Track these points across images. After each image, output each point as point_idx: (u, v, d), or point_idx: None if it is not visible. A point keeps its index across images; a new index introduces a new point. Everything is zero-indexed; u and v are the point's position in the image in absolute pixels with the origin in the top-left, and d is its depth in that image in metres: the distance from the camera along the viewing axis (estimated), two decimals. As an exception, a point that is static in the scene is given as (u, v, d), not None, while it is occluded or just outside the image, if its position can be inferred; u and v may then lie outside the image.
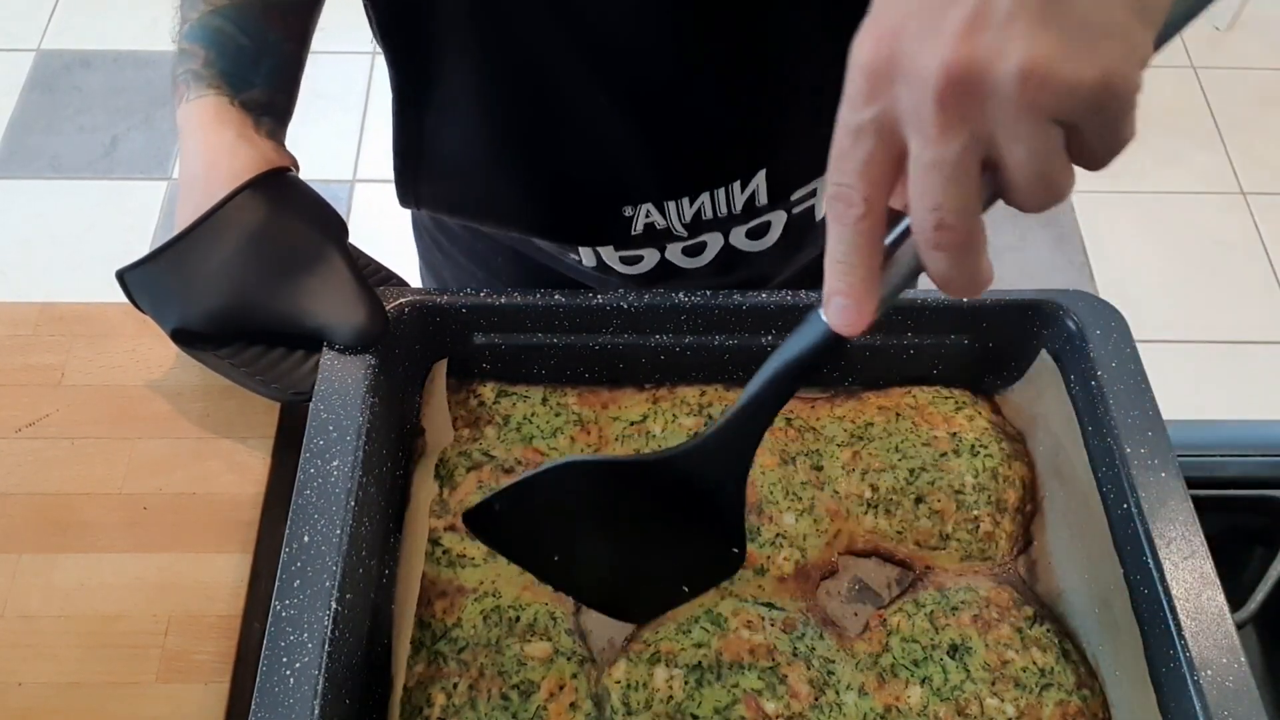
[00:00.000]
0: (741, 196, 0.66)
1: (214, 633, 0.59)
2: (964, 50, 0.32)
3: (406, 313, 0.64)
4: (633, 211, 0.66)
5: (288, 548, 0.54)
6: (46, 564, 0.61)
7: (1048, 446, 0.65)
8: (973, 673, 0.58)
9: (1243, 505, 0.71)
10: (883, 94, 0.34)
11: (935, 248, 0.35)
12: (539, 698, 0.56)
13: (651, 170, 0.64)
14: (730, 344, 0.66)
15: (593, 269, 0.73)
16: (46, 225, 2.05)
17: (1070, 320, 0.64)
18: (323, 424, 0.58)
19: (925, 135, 0.33)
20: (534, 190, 0.67)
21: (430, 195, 0.68)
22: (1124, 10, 0.32)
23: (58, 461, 0.65)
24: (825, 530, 0.63)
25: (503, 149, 0.65)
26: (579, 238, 0.71)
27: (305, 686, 0.50)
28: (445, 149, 0.65)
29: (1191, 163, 2.24)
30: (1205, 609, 0.53)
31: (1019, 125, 0.33)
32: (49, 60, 2.32)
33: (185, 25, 0.66)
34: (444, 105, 0.63)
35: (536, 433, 0.67)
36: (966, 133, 0.33)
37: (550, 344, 0.67)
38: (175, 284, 0.61)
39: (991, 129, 0.33)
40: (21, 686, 0.57)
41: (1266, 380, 1.94)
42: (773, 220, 0.70)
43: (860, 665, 0.59)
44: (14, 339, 0.70)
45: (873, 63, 0.34)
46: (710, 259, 0.71)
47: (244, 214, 0.61)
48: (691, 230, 0.68)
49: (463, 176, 0.67)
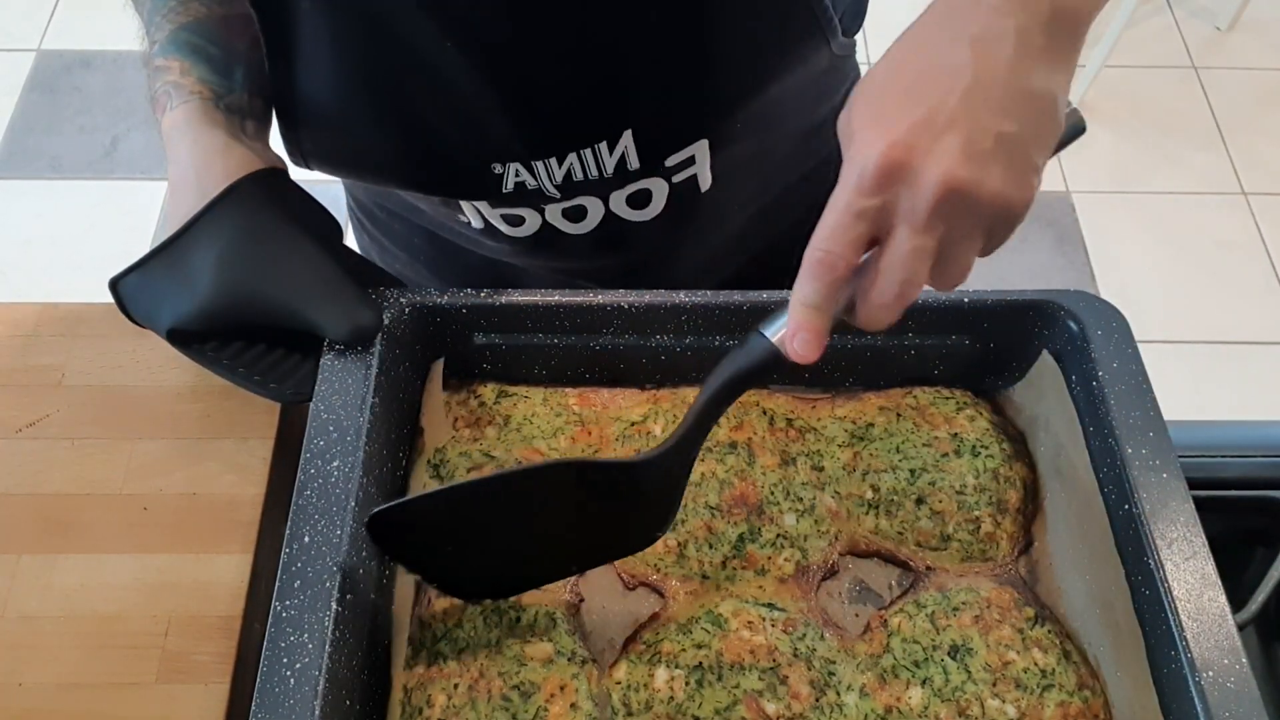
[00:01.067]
0: (611, 159, 0.67)
1: (214, 633, 0.59)
2: (959, 173, 0.43)
3: (407, 313, 0.64)
4: (502, 169, 0.67)
5: (288, 548, 0.54)
6: (47, 564, 0.61)
7: (1049, 447, 0.65)
8: (974, 673, 0.58)
9: (1244, 506, 0.71)
10: (888, 190, 0.44)
11: (891, 307, 0.46)
12: (539, 698, 0.56)
13: (513, 129, 0.65)
14: (731, 345, 0.66)
15: (480, 231, 0.74)
16: (47, 226, 2.05)
17: (1072, 321, 0.64)
18: (323, 424, 0.58)
19: (915, 228, 0.44)
20: (403, 144, 0.68)
21: (312, 150, 0.69)
22: (1042, 156, 0.46)
23: (58, 462, 0.65)
24: (826, 531, 0.63)
25: (367, 102, 0.66)
26: (452, 192, 0.71)
27: (306, 687, 0.50)
28: (316, 102, 0.66)
29: (1192, 163, 2.24)
30: (1207, 610, 0.53)
31: (974, 232, 0.45)
32: (49, 61, 2.32)
33: (154, 46, 0.67)
34: (308, 58, 0.64)
35: (537, 433, 0.66)
36: (940, 232, 0.45)
37: (551, 344, 0.67)
38: (171, 283, 0.61)
39: (956, 231, 0.45)
40: (22, 687, 0.57)
41: (1267, 381, 1.94)
42: (652, 189, 0.71)
43: (861, 666, 0.59)
44: (14, 339, 0.70)
45: (887, 164, 0.44)
46: (594, 226, 0.72)
47: (238, 211, 0.61)
48: (565, 191, 0.69)
49: (336, 130, 0.68)
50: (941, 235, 0.45)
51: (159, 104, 0.66)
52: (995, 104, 0.44)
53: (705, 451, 0.65)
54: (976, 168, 0.43)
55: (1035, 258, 2.08)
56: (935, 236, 0.44)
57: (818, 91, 0.77)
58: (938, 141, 0.43)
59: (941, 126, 0.43)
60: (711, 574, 0.62)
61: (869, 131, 0.45)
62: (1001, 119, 0.44)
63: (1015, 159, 0.44)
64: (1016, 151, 0.44)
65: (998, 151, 0.44)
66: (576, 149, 0.66)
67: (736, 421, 0.66)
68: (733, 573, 0.62)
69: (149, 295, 0.62)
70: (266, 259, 0.61)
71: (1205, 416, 0.66)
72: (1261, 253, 2.11)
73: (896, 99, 0.45)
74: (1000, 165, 0.44)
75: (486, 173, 0.67)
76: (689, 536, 0.62)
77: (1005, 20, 0.44)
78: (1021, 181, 0.45)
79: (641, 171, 0.68)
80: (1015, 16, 0.44)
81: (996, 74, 0.44)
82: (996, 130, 0.44)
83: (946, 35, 0.46)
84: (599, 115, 0.65)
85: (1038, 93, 0.45)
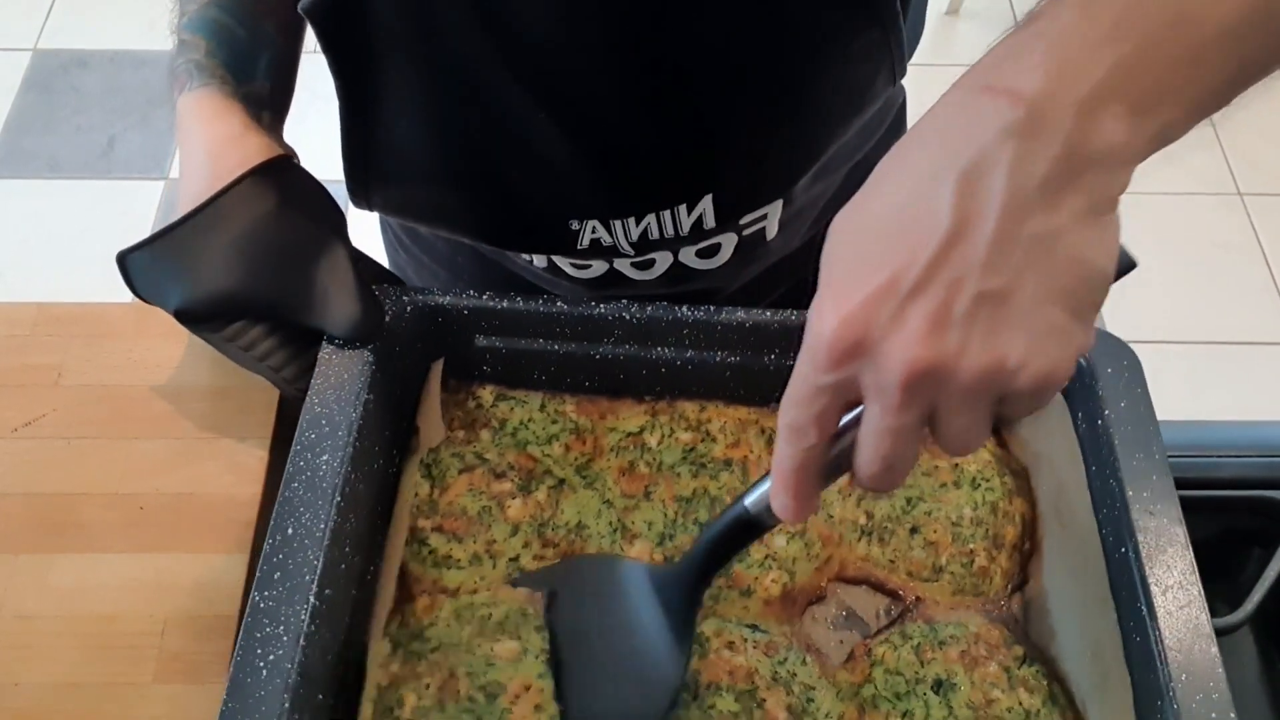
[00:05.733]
0: (689, 219, 0.66)
1: (211, 633, 0.58)
2: (929, 349, 0.36)
3: (409, 312, 0.64)
4: (579, 226, 0.66)
5: (271, 539, 0.54)
6: (43, 564, 0.61)
7: (1050, 486, 0.64)
8: (955, 710, 0.56)
9: (1239, 506, 0.71)
10: (846, 367, 0.38)
11: (881, 479, 0.40)
12: (503, 701, 0.55)
13: (595, 189, 0.65)
14: (732, 361, 0.66)
15: (544, 270, 0.74)
16: (44, 225, 2.04)
17: (1080, 357, 0.63)
18: (315, 418, 0.58)
19: (886, 407, 0.38)
20: (480, 199, 0.67)
21: (381, 199, 0.69)
22: (1064, 313, 0.37)
23: (55, 462, 0.64)
24: (816, 555, 0.63)
25: (446, 158, 0.65)
26: (525, 246, 0.71)
27: (277, 679, 0.50)
28: (391, 155, 0.65)
29: (1188, 163, 2.23)
30: (1197, 663, 0.52)
31: (964, 406, 0.38)
32: (46, 60, 2.32)
33: (184, 17, 0.67)
34: (388, 113, 0.63)
35: (531, 439, 0.66)
36: (921, 408, 0.38)
37: (551, 350, 0.67)
38: (180, 264, 0.61)
39: (941, 406, 0.38)
40: (18, 687, 0.57)
41: (1262, 381, 1.94)
42: (723, 242, 0.70)
43: (841, 695, 0.58)
44: (11, 339, 0.70)
45: (839, 343, 0.37)
46: (660, 274, 0.72)
47: (251, 200, 0.61)
48: (639, 249, 0.68)
49: (411, 183, 0.67)
50: (924, 411, 0.38)
51: (178, 80, 0.66)
52: (977, 257, 0.36)
53: (698, 468, 0.65)
54: (947, 341, 0.36)
55: (1031, 258, 2.08)
56: (915, 414, 0.38)
57: (873, 128, 0.76)
58: (901, 314, 0.36)
59: (906, 293, 0.36)
60: (696, 591, 0.61)
61: (825, 296, 0.38)
62: (986, 275, 0.36)
63: (1008, 318, 0.36)
64: (1009, 310, 0.36)
65: (978, 315, 0.36)
66: (656, 210, 0.66)
67: (733, 439, 0.66)
68: (718, 591, 0.61)
69: (157, 273, 0.62)
70: (276, 251, 0.61)
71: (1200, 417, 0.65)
72: (1257, 253, 2.11)
73: (861, 252, 0.38)
74: (984, 331, 0.36)
75: (564, 229, 0.66)
76: (676, 551, 0.62)
77: (1001, 149, 0.36)
78: (1030, 345, 0.36)
79: (716, 230, 0.68)
80: (1017, 143, 0.36)
81: (983, 220, 0.36)
82: (977, 290, 0.36)
83: (931, 165, 0.38)
84: (683, 179, 0.65)
85: (1041, 236, 0.36)
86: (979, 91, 0.38)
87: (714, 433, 0.66)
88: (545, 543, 0.62)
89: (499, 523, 0.62)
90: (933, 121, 0.39)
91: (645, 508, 0.64)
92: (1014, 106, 0.36)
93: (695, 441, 0.66)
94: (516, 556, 0.62)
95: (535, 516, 0.63)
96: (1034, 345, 0.37)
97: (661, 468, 0.65)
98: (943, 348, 0.36)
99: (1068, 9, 0.38)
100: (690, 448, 0.66)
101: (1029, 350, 0.37)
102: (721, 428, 0.66)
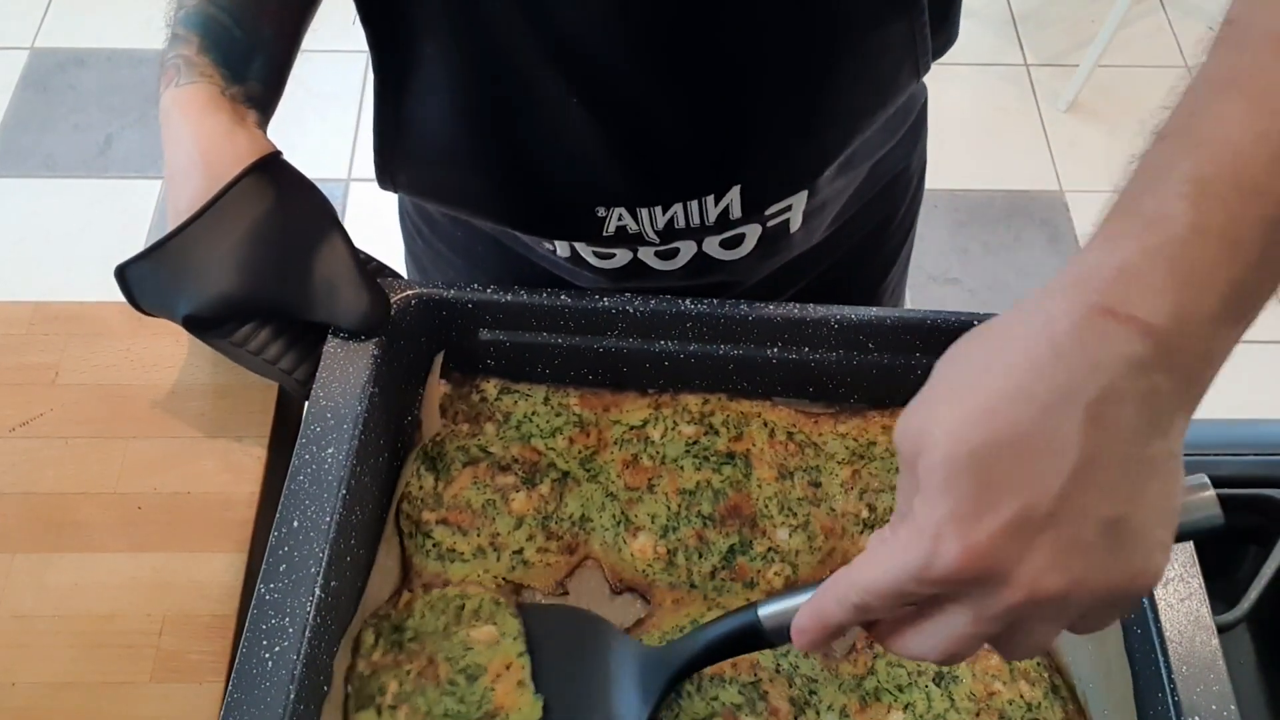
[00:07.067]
0: (715, 209, 0.67)
1: (209, 632, 0.58)
2: (1055, 581, 0.36)
3: (413, 305, 0.64)
4: (605, 213, 0.66)
5: (277, 531, 0.54)
6: (40, 564, 0.61)
7: None
8: (957, 702, 0.57)
9: (1237, 504, 0.71)
10: (956, 589, 0.38)
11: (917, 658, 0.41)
12: (485, 680, 0.56)
13: (623, 177, 0.65)
14: (735, 354, 0.66)
15: (566, 259, 0.74)
16: (41, 224, 2.04)
17: None
18: (320, 411, 0.58)
19: (980, 618, 0.38)
20: (508, 182, 0.67)
21: (407, 179, 0.69)
22: (1166, 529, 0.38)
23: (52, 461, 0.64)
24: (819, 548, 0.63)
25: (477, 139, 0.65)
26: (551, 232, 0.71)
27: (282, 671, 0.50)
28: (422, 133, 0.66)
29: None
30: (1199, 653, 0.52)
31: (1058, 619, 0.38)
32: (43, 59, 2.31)
33: (181, 11, 0.66)
34: (422, 90, 0.63)
35: (536, 431, 0.67)
36: (1013, 622, 0.38)
37: (555, 344, 0.67)
38: (184, 271, 0.61)
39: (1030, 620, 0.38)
40: (15, 686, 0.57)
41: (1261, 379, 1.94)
42: (747, 232, 0.70)
43: (844, 687, 0.58)
44: (8, 338, 0.70)
45: (962, 573, 0.37)
46: (683, 264, 0.72)
47: (251, 198, 0.61)
48: (664, 238, 0.68)
49: (438, 163, 0.67)
50: (1011, 625, 0.38)
51: (166, 74, 0.65)
52: (1105, 487, 0.36)
53: (702, 460, 0.65)
54: (1071, 570, 0.36)
55: (1028, 256, 2.08)
56: (1001, 626, 0.38)
57: (895, 125, 0.77)
58: (1029, 546, 0.36)
59: (1036, 526, 0.36)
60: (699, 583, 0.62)
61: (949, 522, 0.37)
62: (1111, 502, 0.36)
63: (1125, 541, 0.37)
64: (1126, 533, 0.36)
65: (1100, 542, 0.36)
66: (683, 199, 0.66)
67: (736, 432, 0.66)
68: (721, 584, 0.61)
69: (161, 282, 0.62)
70: (281, 248, 0.61)
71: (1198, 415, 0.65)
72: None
73: (985, 479, 0.36)
74: (1103, 553, 0.36)
75: (590, 216, 0.67)
76: (679, 544, 0.62)
77: (1132, 382, 0.36)
78: (1128, 567, 0.37)
79: (741, 220, 0.69)
80: (1147, 378, 0.36)
81: (1112, 451, 0.36)
82: (1103, 517, 0.36)
83: (1057, 392, 0.36)
84: (712, 169, 0.65)
85: (1157, 460, 0.37)
86: (1100, 314, 0.36)
87: (717, 426, 0.66)
88: (549, 535, 0.63)
89: (503, 515, 0.63)
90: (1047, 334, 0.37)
91: (649, 500, 0.64)
92: (1143, 339, 0.36)
93: (699, 435, 0.66)
94: (520, 549, 0.62)
95: (539, 509, 0.63)
96: (1147, 559, 0.37)
97: (665, 461, 0.65)
98: (1069, 577, 0.36)
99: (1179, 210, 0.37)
100: (693, 441, 0.66)
101: (1144, 566, 0.37)
102: (725, 421, 0.66)
